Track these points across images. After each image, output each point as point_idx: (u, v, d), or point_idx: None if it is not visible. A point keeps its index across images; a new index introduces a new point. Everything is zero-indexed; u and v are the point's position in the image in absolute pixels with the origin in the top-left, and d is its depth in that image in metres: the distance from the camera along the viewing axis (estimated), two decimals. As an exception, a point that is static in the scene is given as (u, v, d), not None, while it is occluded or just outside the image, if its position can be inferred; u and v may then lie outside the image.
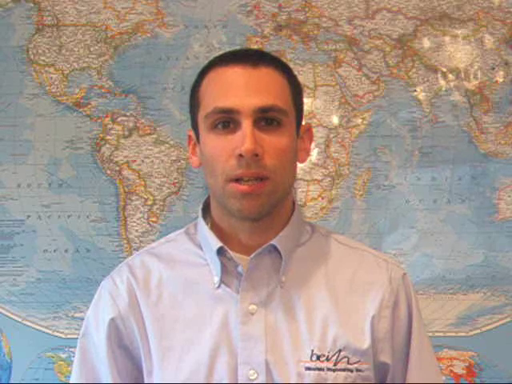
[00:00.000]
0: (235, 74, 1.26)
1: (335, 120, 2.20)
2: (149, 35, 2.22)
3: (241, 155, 1.22)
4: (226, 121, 1.25)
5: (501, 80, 2.19)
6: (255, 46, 2.19)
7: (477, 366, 2.17)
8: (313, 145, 1.40)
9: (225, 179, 1.25)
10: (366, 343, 1.27)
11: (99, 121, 2.21)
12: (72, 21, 2.22)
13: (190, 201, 2.19)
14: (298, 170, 1.37)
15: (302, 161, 1.36)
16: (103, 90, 2.21)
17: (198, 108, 1.30)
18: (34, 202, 2.20)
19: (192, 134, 1.35)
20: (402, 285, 1.33)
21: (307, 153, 1.36)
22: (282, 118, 1.26)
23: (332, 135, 2.19)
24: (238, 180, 1.24)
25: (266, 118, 1.25)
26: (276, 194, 1.27)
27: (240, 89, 1.25)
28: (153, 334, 1.29)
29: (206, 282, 1.30)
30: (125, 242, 2.19)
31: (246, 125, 1.23)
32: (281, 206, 1.31)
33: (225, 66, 1.28)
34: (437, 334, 2.16)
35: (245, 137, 1.23)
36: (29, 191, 2.20)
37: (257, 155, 1.23)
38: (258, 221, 1.28)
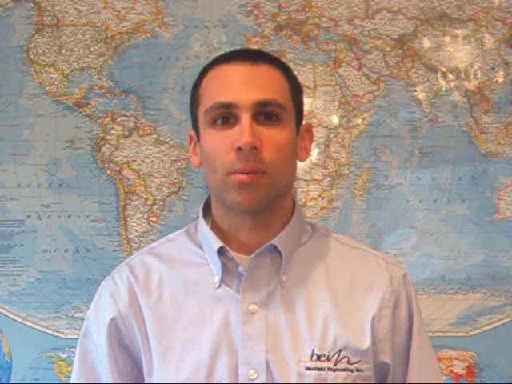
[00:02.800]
0: (235, 71, 1.28)
1: (335, 120, 2.20)
2: (149, 35, 2.22)
3: (239, 148, 1.23)
4: (226, 116, 1.26)
5: (501, 80, 2.19)
6: (255, 46, 2.19)
7: (477, 366, 2.17)
8: (313, 145, 1.40)
9: (225, 173, 1.25)
10: (366, 343, 1.27)
11: (99, 121, 2.21)
12: (72, 21, 2.22)
13: (190, 201, 2.19)
14: (298, 170, 1.37)
15: (302, 160, 1.36)
16: (103, 90, 2.21)
17: (199, 105, 1.31)
18: (34, 202, 2.20)
19: (192, 133, 1.35)
20: (403, 285, 1.33)
21: (307, 152, 1.36)
22: (280, 112, 1.27)
23: (332, 135, 2.19)
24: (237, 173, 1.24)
25: (265, 113, 1.26)
26: (274, 189, 1.27)
27: (239, 84, 1.26)
28: (153, 334, 1.29)
29: (206, 282, 1.30)
30: (125, 241, 2.19)
31: (245, 118, 1.24)
32: (280, 203, 1.31)
33: (225, 64, 1.30)
34: (437, 334, 2.16)
35: (243, 130, 1.23)
36: (29, 191, 2.20)
37: (255, 148, 1.23)
38: (258, 216, 1.28)
